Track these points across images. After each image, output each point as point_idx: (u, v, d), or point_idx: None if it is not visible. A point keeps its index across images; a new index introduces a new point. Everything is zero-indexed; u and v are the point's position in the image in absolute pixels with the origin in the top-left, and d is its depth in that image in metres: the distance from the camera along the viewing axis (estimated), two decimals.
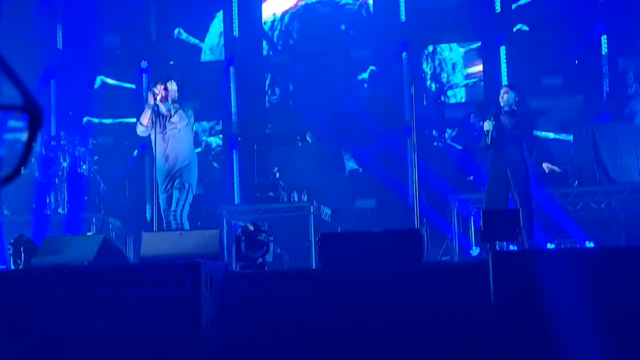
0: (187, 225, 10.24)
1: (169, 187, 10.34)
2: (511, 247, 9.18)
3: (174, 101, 10.39)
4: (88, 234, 11.76)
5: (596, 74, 13.74)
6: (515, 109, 10.67)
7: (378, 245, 7.89)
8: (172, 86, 10.42)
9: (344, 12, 15.01)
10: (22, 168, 1.21)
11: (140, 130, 10.52)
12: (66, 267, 7.82)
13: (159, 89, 10.32)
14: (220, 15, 15.31)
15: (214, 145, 15.29)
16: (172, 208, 10.18)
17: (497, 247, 8.85)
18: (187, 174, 10.34)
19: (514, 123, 10.57)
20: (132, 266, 8.62)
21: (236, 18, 15.11)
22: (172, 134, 10.33)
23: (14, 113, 1.20)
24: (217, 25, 15.38)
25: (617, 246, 9.84)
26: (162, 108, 10.23)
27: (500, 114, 10.66)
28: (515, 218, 8.62)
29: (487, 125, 10.51)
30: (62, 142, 13.29)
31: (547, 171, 10.85)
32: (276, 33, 15.28)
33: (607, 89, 13.60)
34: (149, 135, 10.50)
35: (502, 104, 10.69)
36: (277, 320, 7.66)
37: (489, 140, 10.49)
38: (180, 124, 10.34)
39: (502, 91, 10.86)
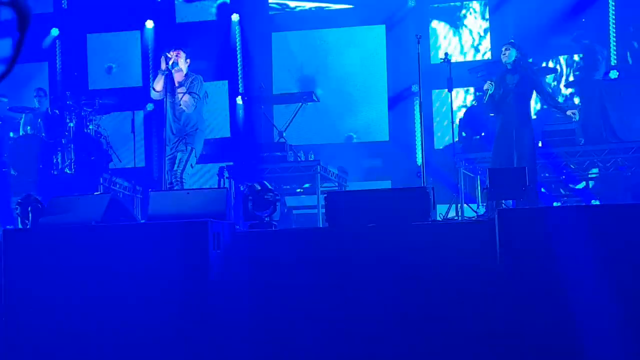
0: (186, 185, 10.42)
1: (174, 149, 10.50)
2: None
3: (186, 74, 10.62)
4: (95, 193, 11.79)
5: (603, 32, 13.68)
6: (517, 66, 10.67)
7: (384, 203, 7.89)
8: (184, 59, 10.59)
9: None
10: (12, 66, 1.20)
11: (154, 95, 10.76)
12: (74, 227, 7.86)
13: (171, 55, 10.48)
14: None
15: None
16: (175, 168, 10.37)
17: (503, 205, 8.87)
18: (192, 139, 10.55)
19: (517, 80, 10.58)
20: (139, 225, 8.64)
21: None
22: (183, 100, 10.49)
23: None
24: None
25: (622, 204, 9.82)
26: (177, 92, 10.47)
27: (505, 73, 10.67)
28: (521, 176, 8.61)
29: (487, 85, 10.60)
30: (67, 102, 13.28)
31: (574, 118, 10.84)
32: None
33: (614, 47, 13.55)
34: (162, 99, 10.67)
35: (504, 61, 10.73)
36: (284, 278, 7.70)
37: (486, 98, 10.61)
38: (192, 91, 10.50)
39: (503, 48, 10.88)
